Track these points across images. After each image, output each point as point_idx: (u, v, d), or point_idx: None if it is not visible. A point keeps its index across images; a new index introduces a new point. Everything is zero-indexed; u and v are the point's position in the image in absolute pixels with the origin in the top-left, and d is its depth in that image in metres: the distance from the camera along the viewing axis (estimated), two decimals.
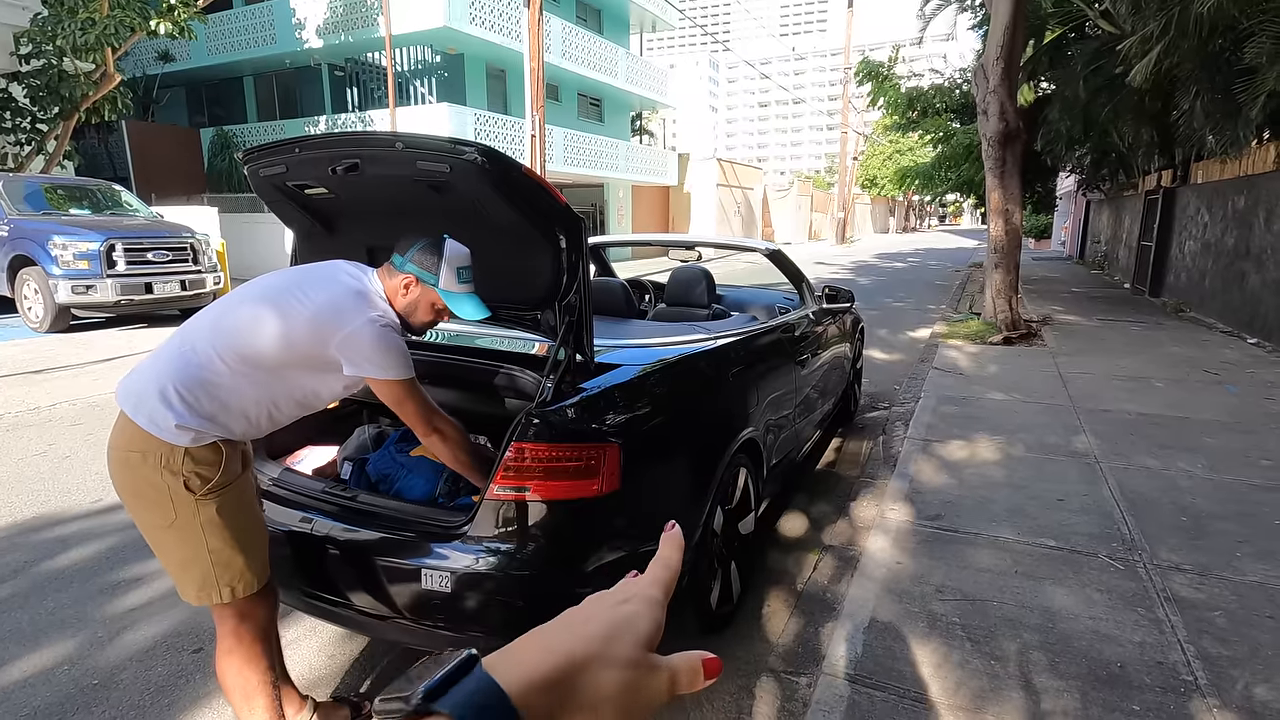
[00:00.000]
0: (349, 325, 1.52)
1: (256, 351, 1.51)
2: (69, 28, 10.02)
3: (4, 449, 4.12)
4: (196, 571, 1.51)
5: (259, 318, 1.52)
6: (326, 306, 1.54)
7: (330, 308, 1.54)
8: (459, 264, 1.66)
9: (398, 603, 1.73)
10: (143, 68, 17.17)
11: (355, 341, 1.52)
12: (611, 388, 1.91)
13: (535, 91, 11.57)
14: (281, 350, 1.52)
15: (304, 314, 1.52)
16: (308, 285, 1.59)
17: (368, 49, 16.91)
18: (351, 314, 1.54)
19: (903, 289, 13.80)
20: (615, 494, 1.73)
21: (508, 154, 1.74)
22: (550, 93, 18.70)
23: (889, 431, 4.45)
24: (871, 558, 2.73)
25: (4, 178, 8.51)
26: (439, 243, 1.66)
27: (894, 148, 43.33)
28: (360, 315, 1.54)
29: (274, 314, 1.52)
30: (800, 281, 3.76)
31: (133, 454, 1.47)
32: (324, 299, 1.55)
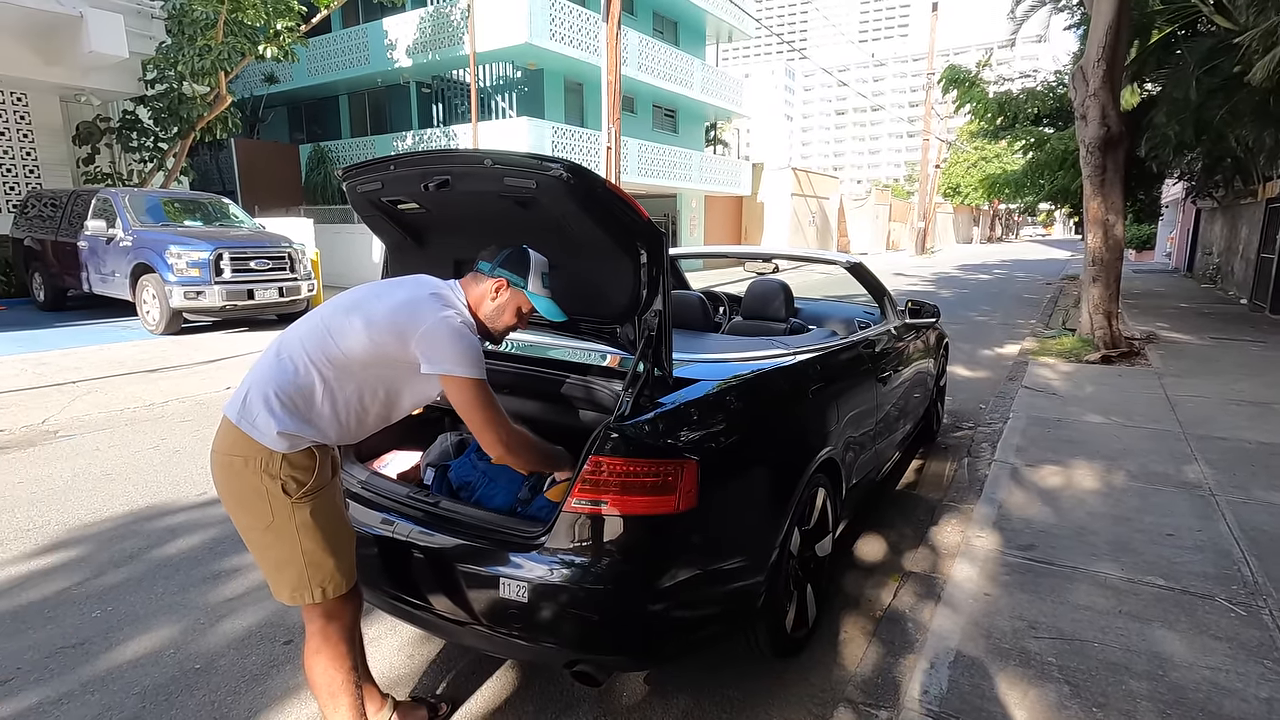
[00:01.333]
0: (427, 321, 1.57)
1: (344, 355, 1.58)
2: (188, 54, 10.90)
3: (123, 442, 4.47)
4: (291, 572, 1.58)
5: (348, 324, 1.59)
6: (405, 304, 1.60)
7: (409, 305, 1.60)
8: (543, 269, 1.74)
9: (475, 609, 1.76)
10: (250, 89, 18.46)
11: (432, 336, 1.56)
12: (690, 403, 1.89)
13: (612, 104, 11.74)
14: (366, 352, 1.58)
15: (385, 314, 1.58)
16: (392, 289, 1.66)
17: (453, 66, 17.61)
18: (429, 311, 1.59)
19: (987, 302, 13.18)
20: (692, 511, 1.71)
21: (589, 168, 1.77)
22: (626, 105, 18.92)
23: (975, 453, 4.23)
24: (957, 587, 2.59)
25: (129, 192, 9.31)
26: (523, 251, 1.73)
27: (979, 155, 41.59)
28: (437, 312, 1.59)
29: (360, 318, 1.59)
30: (882, 295, 3.64)
31: (235, 458, 1.55)
32: (403, 298, 1.61)
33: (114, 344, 7.77)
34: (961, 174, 42.68)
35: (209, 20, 10.95)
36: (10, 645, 2.32)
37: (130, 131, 12.25)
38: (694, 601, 1.81)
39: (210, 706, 2.05)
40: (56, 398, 5.48)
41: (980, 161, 41.18)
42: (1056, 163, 13.22)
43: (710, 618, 1.89)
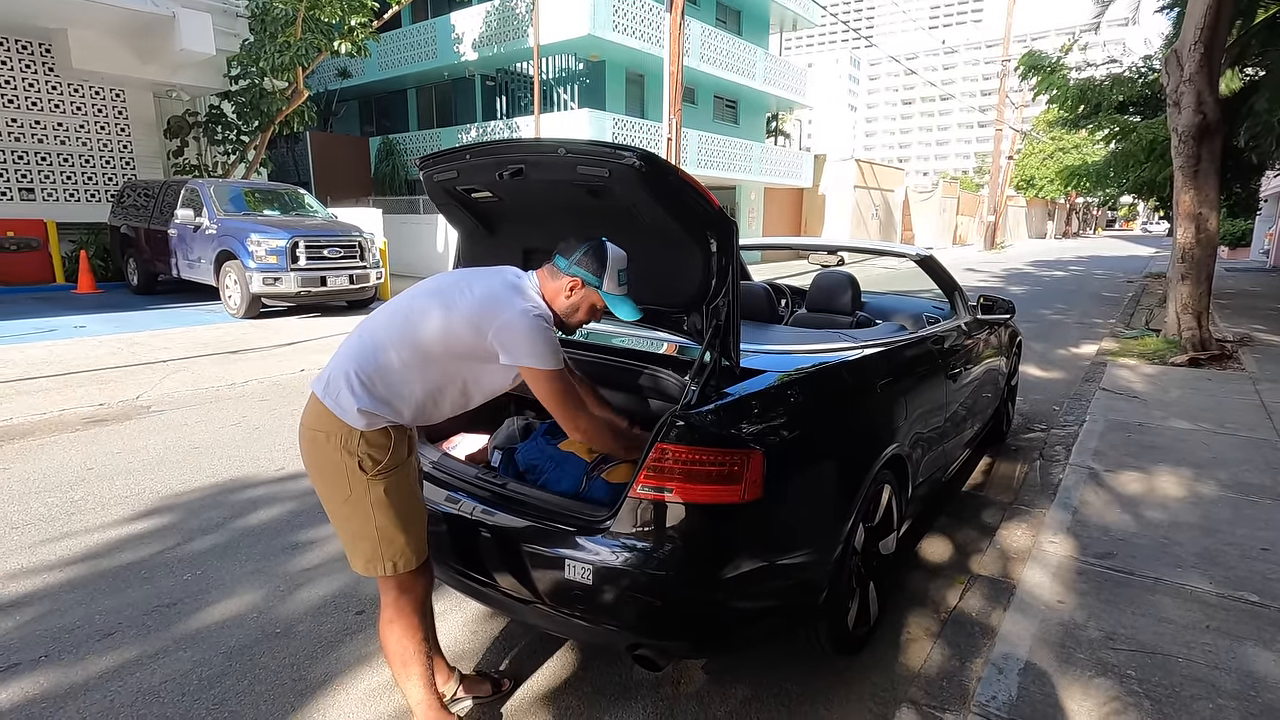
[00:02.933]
0: (504, 314, 1.61)
1: (423, 341, 1.63)
2: (269, 51, 11.39)
3: (208, 418, 4.75)
4: (366, 545, 1.66)
5: (427, 310, 1.65)
6: (485, 296, 1.64)
7: (488, 298, 1.64)
8: (619, 267, 1.73)
9: (540, 589, 1.80)
10: (325, 84, 19.18)
11: (510, 330, 1.60)
12: (756, 394, 1.88)
13: (673, 95, 11.69)
14: (444, 340, 1.63)
15: (464, 305, 1.63)
16: (472, 280, 1.70)
17: (516, 59, 17.85)
18: (507, 304, 1.62)
19: (1062, 300, 12.57)
20: (757, 502, 1.70)
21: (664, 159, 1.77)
22: (687, 95, 18.80)
23: (1048, 456, 4.06)
24: (1028, 592, 2.50)
25: (215, 183, 9.82)
26: (601, 247, 1.72)
27: (1056, 145, 39.62)
28: (515, 305, 1.62)
29: (440, 306, 1.64)
30: (953, 290, 3.52)
31: (319, 433, 1.63)
32: (482, 290, 1.66)
33: (199, 326, 8.24)
34: (1036, 165, 40.75)
35: (289, 17, 11.41)
36: (112, 602, 2.51)
37: (216, 125, 12.90)
38: (756, 593, 1.80)
39: (290, 669, 2.16)
40: (148, 375, 5.85)
41: (1057, 152, 39.23)
42: (1144, 153, 12.45)
43: (772, 610, 1.88)
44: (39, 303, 9.53)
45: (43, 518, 3.18)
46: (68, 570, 2.73)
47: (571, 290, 1.73)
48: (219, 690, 2.06)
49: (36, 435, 4.35)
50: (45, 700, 2.01)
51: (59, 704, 1.99)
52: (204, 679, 2.10)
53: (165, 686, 2.07)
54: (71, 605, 2.48)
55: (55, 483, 3.59)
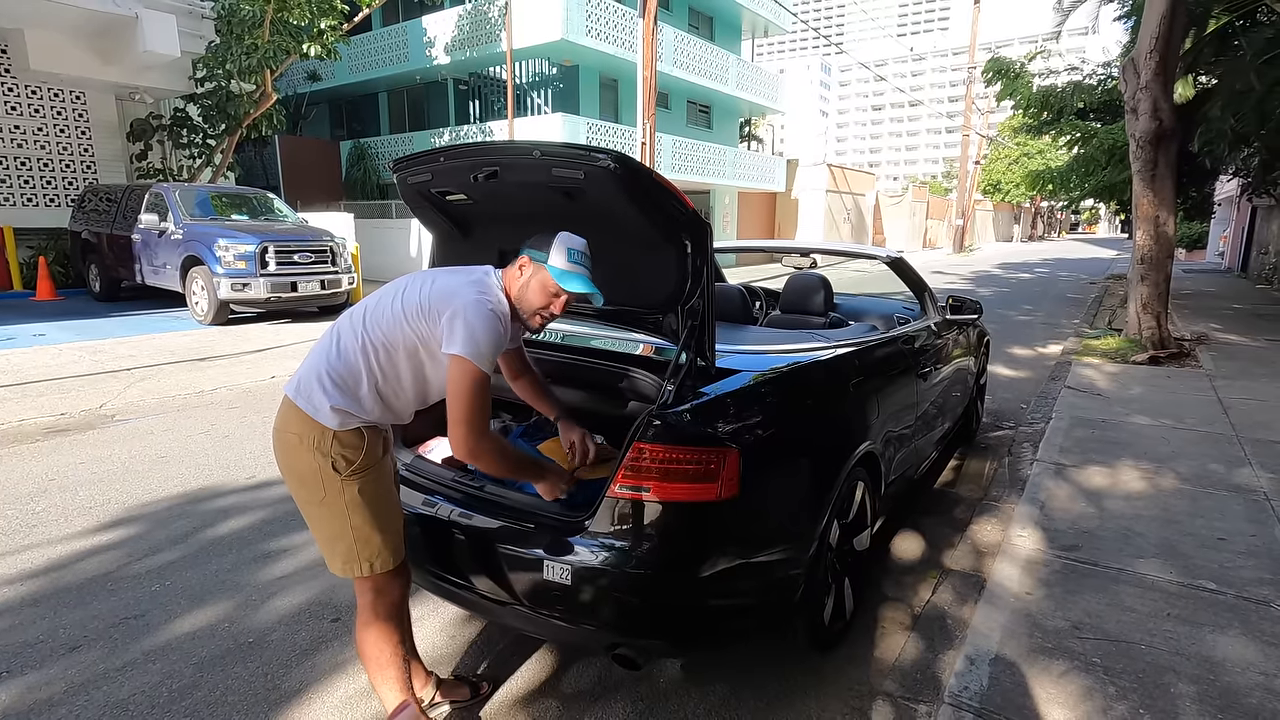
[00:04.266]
0: (457, 302, 1.59)
1: (385, 337, 1.63)
2: (236, 53, 11.21)
3: (176, 427, 4.65)
4: (341, 546, 1.65)
5: (390, 307, 1.64)
6: (444, 288, 1.63)
7: (447, 289, 1.63)
8: (569, 245, 1.69)
9: (517, 590, 1.79)
10: (294, 87, 18.90)
11: (457, 316, 1.57)
12: (731, 393, 1.90)
13: (647, 100, 11.75)
14: (403, 334, 1.62)
15: (423, 295, 1.63)
16: (436, 275, 1.69)
17: (490, 64, 17.80)
18: (461, 294, 1.61)
19: (1029, 301, 12.87)
20: (734, 500, 1.72)
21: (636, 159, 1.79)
22: (660, 101, 18.91)
23: (1015, 453, 4.16)
24: (998, 585, 2.56)
25: (180, 188, 9.62)
26: (558, 231, 1.72)
27: (1021, 150, 40.57)
28: (470, 295, 1.61)
29: (400, 302, 1.64)
30: (923, 291, 3.59)
31: (291, 435, 1.62)
32: (443, 283, 1.65)
33: (165, 333, 8.05)
34: (1002, 170, 41.69)
35: (256, 19, 11.24)
36: (76, 615, 2.44)
37: (181, 129, 12.65)
38: (734, 590, 1.82)
39: (263, 678, 2.13)
40: (112, 384, 5.71)
41: (1022, 157, 40.16)
42: (1104, 158, 12.84)
43: (749, 607, 1.90)
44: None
45: (2, 530, 3.09)
46: (29, 584, 2.65)
47: (521, 270, 1.71)
48: (190, 701, 2.02)
49: None
50: (7, 717, 1.95)
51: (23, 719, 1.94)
52: (174, 691, 2.06)
53: (134, 699, 2.03)
54: (34, 619, 2.41)
55: (15, 494, 3.49)
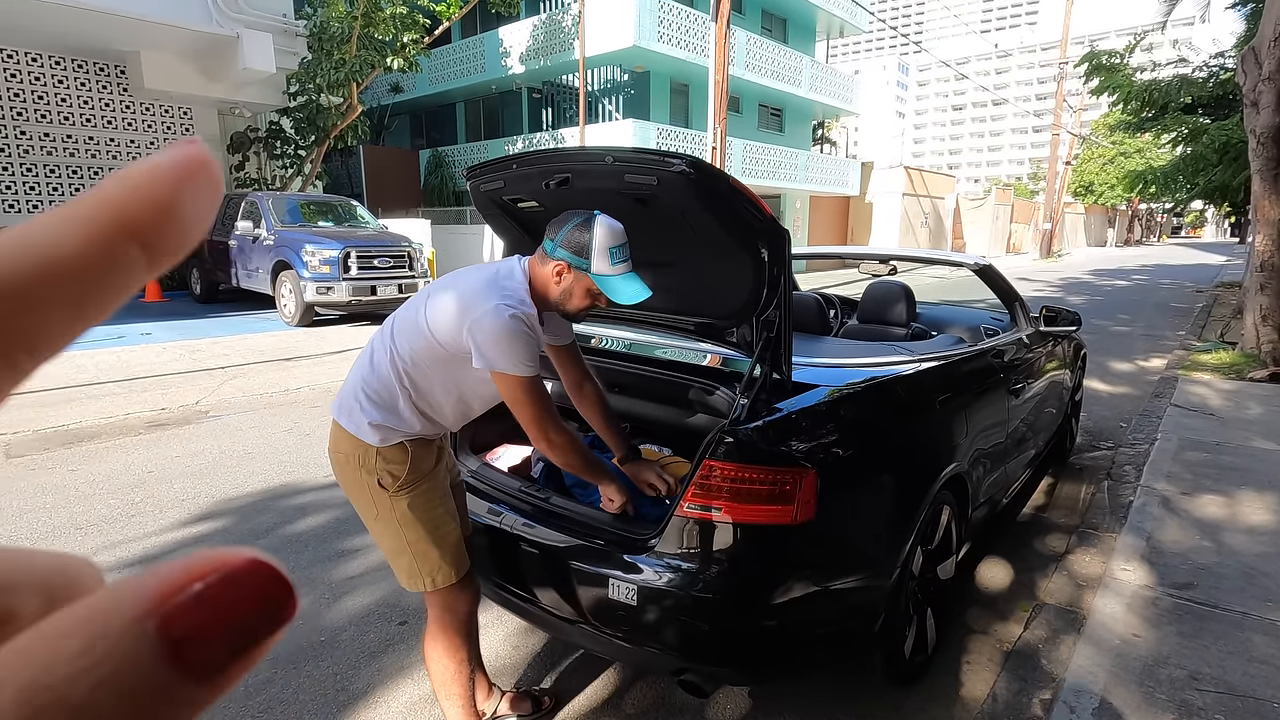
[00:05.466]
0: (476, 311, 1.48)
1: (412, 349, 1.57)
2: (325, 68, 11.79)
3: (262, 424, 4.87)
4: (403, 561, 1.64)
5: (417, 317, 1.58)
6: (463, 294, 1.53)
7: (466, 296, 1.52)
8: (610, 244, 1.54)
9: (581, 607, 1.75)
10: (378, 99, 19.76)
11: (479, 328, 1.48)
12: (809, 409, 1.80)
13: (718, 104, 11.63)
14: (432, 346, 1.55)
15: (441, 310, 1.54)
16: (459, 278, 1.61)
17: (562, 72, 18.08)
18: (482, 301, 1.49)
19: (1126, 310, 12.01)
20: (810, 524, 1.62)
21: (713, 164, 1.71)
22: (731, 104, 18.75)
23: (1116, 477, 3.83)
24: (1100, 624, 2.34)
25: (272, 196, 10.18)
26: (589, 221, 1.55)
27: (1117, 150, 38.11)
28: (489, 302, 1.48)
29: (427, 312, 1.57)
30: (1014, 300, 3.36)
31: (339, 454, 1.63)
32: (464, 287, 1.55)
33: (256, 334, 8.51)
34: (1096, 171, 39.27)
35: (344, 35, 11.79)
36: None
37: (275, 140, 13.40)
38: (807, 618, 1.72)
39: (333, 678, 2.16)
40: (207, 381, 6.05)
41: (1119, 157, 37.73)
42: (1215, 156, 11.85)
43: (824, 636, 1.80)
44: None
45: (106, 519, 3.29)
46: (125, 574, 2.81)
47: (559, 275, 1.58)
48: (264, 698, 2.07)
49: (103, 438, 4.52)
50: None
51: None
52: (250, 686, 2.12)
53: None
54: None
55: (118, 485, 3.72)
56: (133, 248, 0.15)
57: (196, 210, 0.15)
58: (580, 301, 1.60)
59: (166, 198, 0.15)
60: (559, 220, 1.58)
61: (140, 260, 0.15)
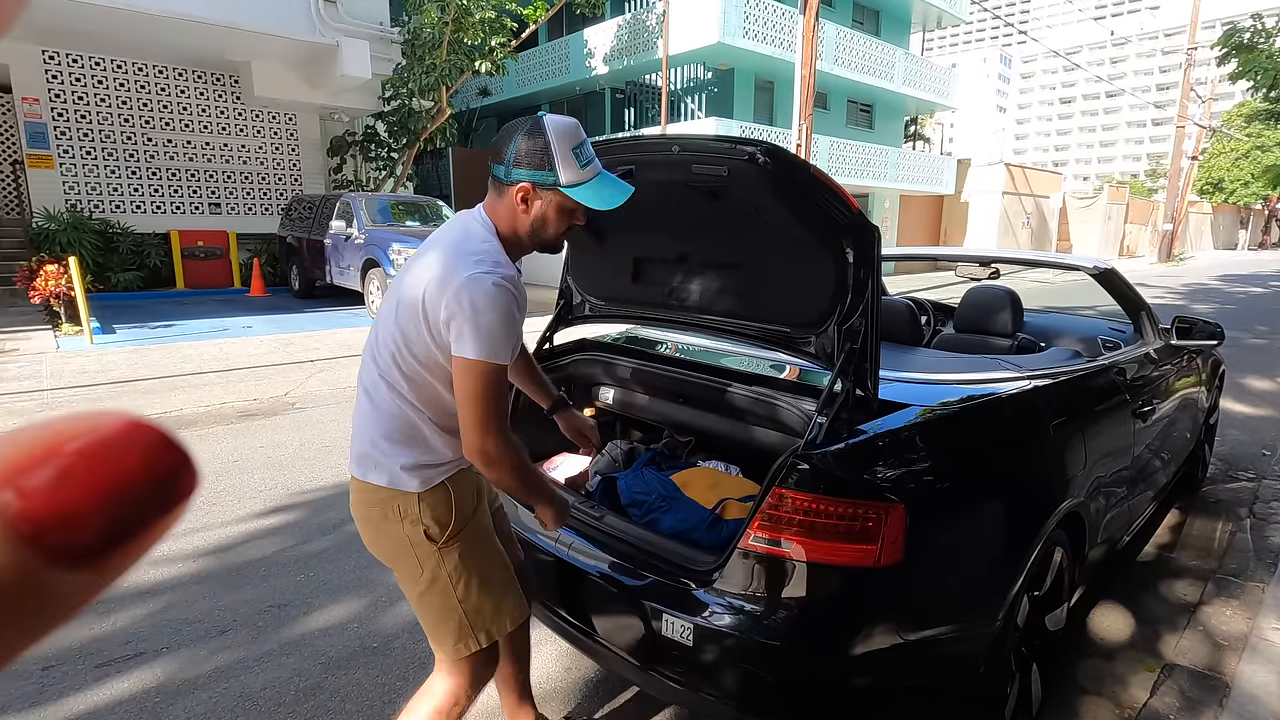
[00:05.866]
0: (449, 289, 1.23)
1: (403, 368, 1.33)
2: (417, 73, 12.20)
3: (343, 417, 4.99)
4: (451, 625, 1.41)
5: (391, 333, 1.35)
6: (431, 279, 1.27)
7: (435, 279, 1.27)
8: (571, 144, 1.28)
9: (633, 642, 1.59)
10: (467, 102, 20.35)
11: (457, 311, 1.22)
12: (899, 432, 1.57)
13: (805, 100, 11.23)
14: (421, 356, 1.31)
15: (414, 305, 1.29)
16: (418, 264, 1.35)
17: (645, 71, 18.03)
18: (449, 277, 1.24)
19: (1264, 321, 10.75)
20: (897, 566, 1.40)
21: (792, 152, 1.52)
22: (818, 100, 18.15)
23: (1261, 515, 3.33)
24: (1249, 695, 1.97)
25: (365, 196, 10.59)
26: (537, 125, 1.28)
27: (1253, 143, 34.51)
28: (458, 274, 1.24)
29: (396, 320, 1.34)
30: (1139, 309, 2.95)
31: (371, 515, 1.40)
32: (429, 270, 1.29)
33: (345, 329, 8.86)
34: (1227, 166, 35.73)
35: (435, 41, 12.15)
36: (231, 598, 2.59)
37: (370, 143, 14.00)
38: (890, 672, 1.50)
39: (381, 689, 2.10)
40: (297, 374, 6.30)
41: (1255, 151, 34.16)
42: None
43: (911, 692, 1.56)
44: (219, 304, 10.69)
45: (190, 506, 3.41)
46: (201, 561, 2.88)
47: (525, 202, 1.31)
48: (313, 704, 2.03)
49: (199, 426, 4.75)
50: (160, 694, 2.07)
51: (171, 699, 2.04)
52: (301, 690, 2.08)
53: (265, 694, 2.07)
54: (198, 598, 2.59)
55: (206, 472, 3.85)
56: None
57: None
58: (557, 225, 1.36)
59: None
60: (502, 138, 1.32)
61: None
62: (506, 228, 1.35)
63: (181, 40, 10.39)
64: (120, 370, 6.25)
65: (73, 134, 11.24)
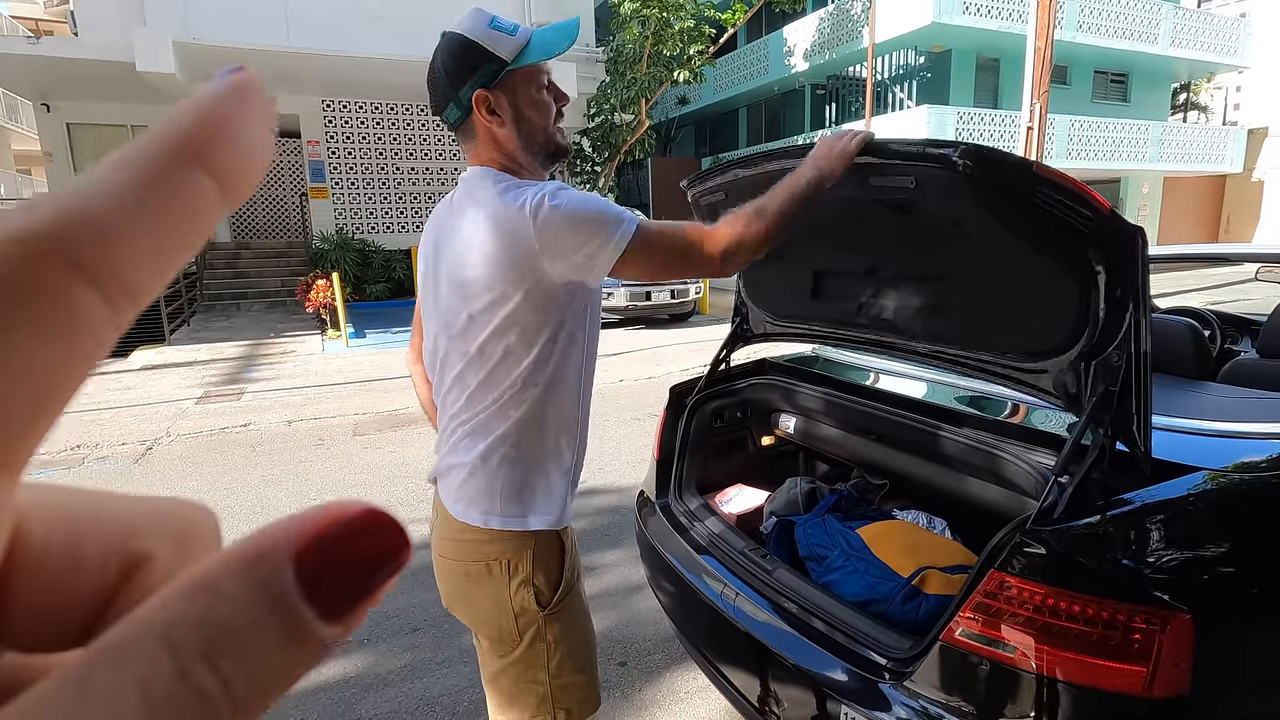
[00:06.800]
0: (517, 224, 1.05)
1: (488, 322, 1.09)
2: (618, 88, 12.70)
3: None
4: (530, 699, 1.19)
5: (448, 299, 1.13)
6: (477, 240, 1.08)
7: (480, 238, 1.08)
8: (484, 21, 1.10)
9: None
10: (665, 112, 20.87)
11: (547, 229, 1.04)
12: (1183, 503, 1.16)
13: (1039, 77, 9.80)
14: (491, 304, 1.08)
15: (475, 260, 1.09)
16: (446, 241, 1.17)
17: (848, 64, 17.09)
18: (503, 220, 1.06)
19: None
20: (1178, 701, 1.02)
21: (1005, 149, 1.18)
22: (1056, 75, 15.85)
23: None
24: None
25: None
26: (448, 36, 1.11)
27: None
28: (511, 208, 1.06)
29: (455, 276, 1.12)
30: None
31: (463, 565, 1.17)
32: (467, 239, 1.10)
33: None
34: None
35: (636, 56, 12.56)
36: (425, 597, 2.76)
37: (576, 159, 14.89)
38: None
39: None
40: None
41: None
42: None
43: None
44: None
45: (402, 500, 3.75)
46: None
47: (493, 113, 1.11)
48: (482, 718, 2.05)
49: (418, 424, 5.27)
50: (356, 685, 2.23)
51: (364, 693, 2.19)
52: (473, 702, 2.12)
53: (443, 700, 2.14)
54: (397, 594, 2.79)
55: (418, 470, 4.25)
56: (200, 174, 0.15)
57: (254, 134, 0.15)
58: (542, 115, 1.15)
59: (224, 122, 0.15)
60: (430, 85, 1.14)
61: (212, 189, 0.15)
62: (500, 159, 1.16)
63: (418, 79, 11.76)
64: (365, 371, 7.21)
65: (340, 168, 13.34)
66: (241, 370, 7.34)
